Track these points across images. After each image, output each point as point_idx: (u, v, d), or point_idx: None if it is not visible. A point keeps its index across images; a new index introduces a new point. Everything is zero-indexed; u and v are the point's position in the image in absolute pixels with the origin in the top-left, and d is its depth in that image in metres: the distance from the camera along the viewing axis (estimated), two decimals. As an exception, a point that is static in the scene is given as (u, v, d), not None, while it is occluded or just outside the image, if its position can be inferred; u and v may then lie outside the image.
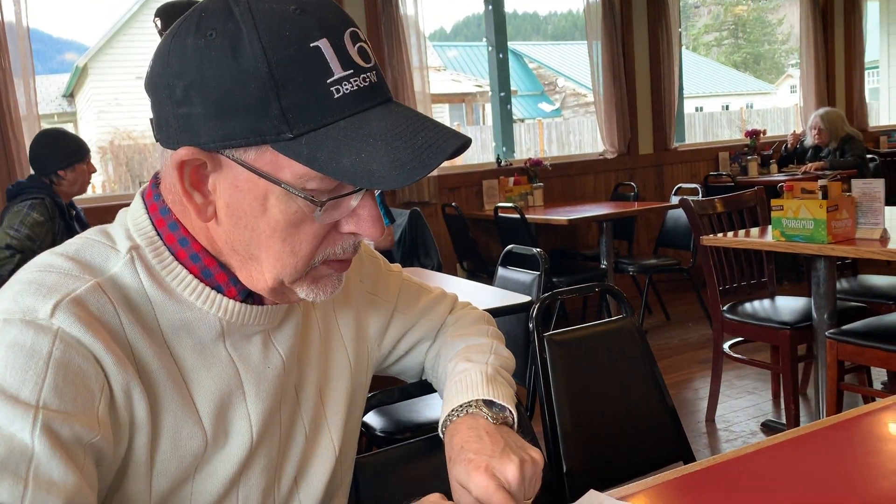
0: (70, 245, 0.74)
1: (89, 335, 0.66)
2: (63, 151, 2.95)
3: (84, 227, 2.96)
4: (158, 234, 0.74)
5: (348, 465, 0.94)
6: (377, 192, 0.76)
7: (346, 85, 0.66)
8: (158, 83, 0.69)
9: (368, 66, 0.69)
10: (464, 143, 0.69)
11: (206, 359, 0.75)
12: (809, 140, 5.64)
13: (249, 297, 0.77)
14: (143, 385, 0.69)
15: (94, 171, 3.08)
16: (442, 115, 16.88)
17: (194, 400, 0.74)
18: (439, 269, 3.51)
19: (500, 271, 2.49)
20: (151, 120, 0.73)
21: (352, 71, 0.67)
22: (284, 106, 0.65)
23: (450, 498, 0.73)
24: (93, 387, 0.65)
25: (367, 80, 0.68)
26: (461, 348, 0.97)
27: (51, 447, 0.60)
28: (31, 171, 3.00)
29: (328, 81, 0.66)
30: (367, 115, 0.68)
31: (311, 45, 0.65)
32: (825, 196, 2.46)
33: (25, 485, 0.58)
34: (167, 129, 0.70)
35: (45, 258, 0.72)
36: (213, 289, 0.75)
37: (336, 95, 0.66)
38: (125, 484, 0.70)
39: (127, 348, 0.69)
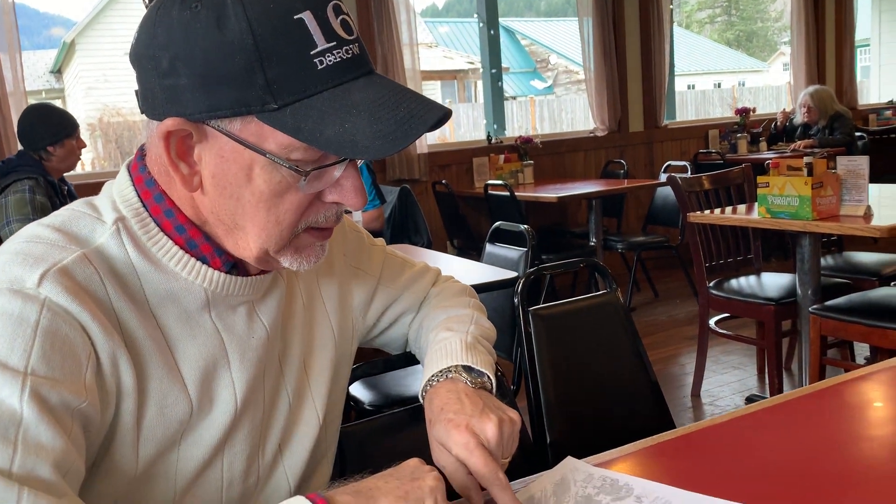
0: (56, 217, 0.75)
1: (76, 304, 0.67)
2: (52, 127, 2.94)
3: None
4: (144, 206, 0.76)
5: (333, 434, 0.96)
6: (361, 164, 0.77)
7: (329, 56, 0.68)
8: (144, 55, 0.70)
9: (351, 38, 0.70)
10: (445, 115, 0.70)
11: (191, 328, 0.77)
12: (799, 118, 5.66)
13: (234, 269, 0.79)
14: (130, 353, 0.71)
15: (84, 146, 3.06)
16: (433, 92, 16.79)
17: (180, 368, 0.75)
18: (429, 247, 3.53)
19: (488, 248, 2.51)
20: (137, 91, 0.74)
21: (335, 43, 0.68)
22: (269, 77, 0.66)
23: (430, 463, 0.76)
24: (80, 354, 0.67)
25: (350, 51, 0.70)
26: (442, 319, 0.99)
27: (39, 412, 0.62)
28: (10, 149, 2.98)
29: (312, 53, 0.67)
30: (351, 86, 0.69)
31: (295, 17, 0.67)
32: (810, 173, 2.48)
33: (14, 448, 0.60)
34: (153, 101, 0.71)
35: (32, 229, 0.73)
36: (198, 259, 0.76)
37: (320, 67, 0.67)
38: (112, 449, 0.72)
39: (113, 318, 0.71)
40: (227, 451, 0.80)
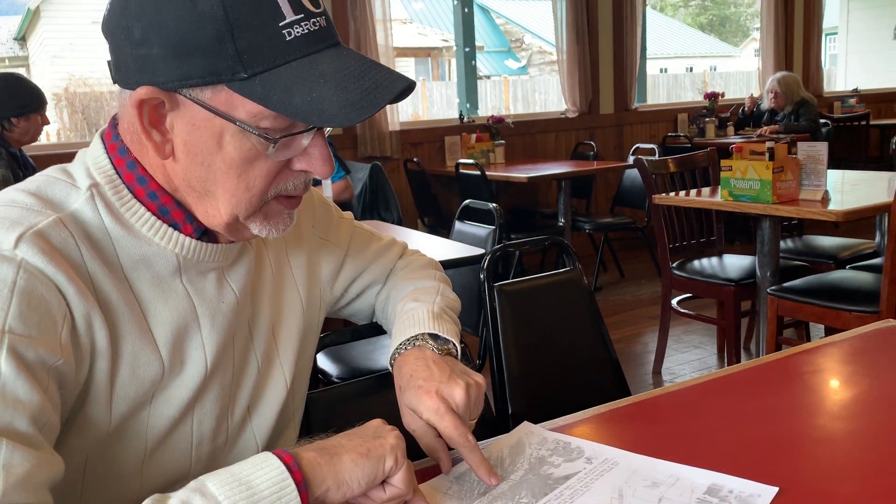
0: (31, 182, 0.77)
1: (52, 266, 0.69)
2: (20, 98, 2.90)
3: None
4: (117, 173, 0.78)
5: (300, 399, 1.00)
6: (327, 134, 0.80)
7: (297, 28, 0.71)
8: (116, 25, 0.73)
9: (318, 11, 0.74)
10: (409, 85, 0.74)
11: (163, 292, 0.79)
12: (766, 103, 5.75)
13: (205, 236, 0.81)
14: (104, 315, 0.73)
15: (48, 123, 3.03)
16: (407, 68, 16.68)
17: (152, 330, 0.78)
18: (399, 223, 3.55)
19: (458, 225, 2.54)
20: (109, 62, 0.76)
21: (302, 15, 0.71)
22: (239, 47, 0.69)
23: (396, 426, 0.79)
24: (55, 314, 0.69)
25: (317, 24, 0.73)
26: (409, 290, 1.03)
27: (16, 368, 0.64)
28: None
29: (280, 24, 0.70)
30: (318, 56, 0.72)
31: None
32: (772, 157, 2.55)
33: None
34: (125, 71, 0.74)
35: (8, 194, 0.75)
36: (170, 226, 0.79)
37: (288, 38, 0.70)
38: (87, 407, 0.74)
39: (88, 280, 0.73)
40: (198, 411, 0.84)
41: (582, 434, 0.94)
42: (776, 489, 0.78)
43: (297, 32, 0.71)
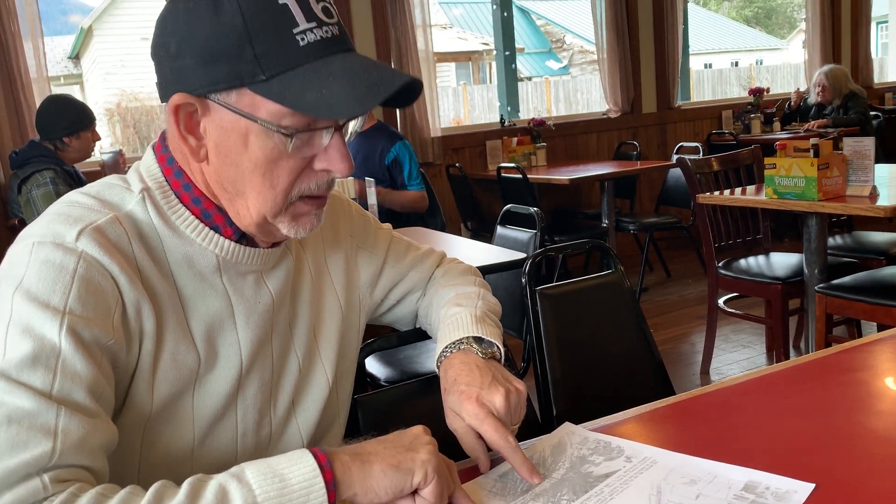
0: (92, 186, 0.87)
1: (107, 258, 0.78)
2: (70, 118, 3.02)
3: None
4: (166, 180, 0.87)
5: (344, 399, 1.05)
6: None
7: (310, 35, 0.79)
8: (158, 43, 0.82)
9: (331, 21, 0.81)
10: (413, 81, 0.81)
11: (203, 289, 0.87)
12: (813, 97, 5.64)
13: (244, 239, 0.89)
14: (151, 303, 0.81)
15: (99, 139, 3.16)
16: (448, 73, 16.77)
17: (189, 324, 0.86)
18: (443, 229, 3.60)
19: (499, 230, 2.57)
20: (157, 83, 0.85)
21: (315, 23, 0.79)
22: (257, 52, 0.77)
23: (434, 432, 0.83)
24: (109, 300, 0.78)
25: (330, 31, 0.80)
26: (452, 296, 1.08)
27: (75, 345, 0.73)
28: (32, 137, 3.04)
29: (294, 31, 0.78)
30: (329, 59, 0.80)
31: (280, 2, 0.78)
32: (816, 154, 2.52)
33: (54, 375, 0.71)
34: (166, 84, 0.83)
35: (72, 196, 0.85)
36: (211, 228, 0.87)
37: (301, 43, 0.78)
38: (133, 385, 0.82)
39: (137, 272, 0.81)
40: (240, 403, 0.91)
41: (622, 433, 0.97)
42: (813, 485, 0.79)
43: (310, 38, 0.78)
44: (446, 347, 0.98)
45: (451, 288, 1.10)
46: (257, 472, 0.70)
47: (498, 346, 0.98)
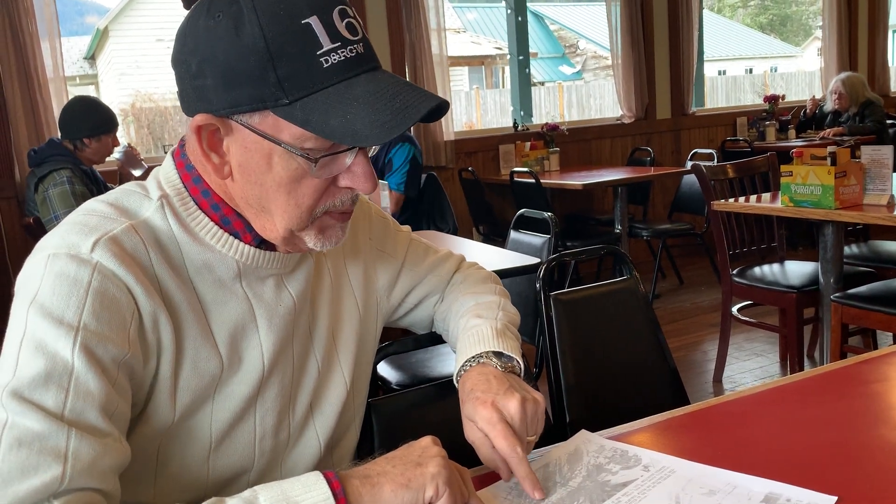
0: (111, 194, 0.86)
1: (123, 269, 0.77)
2: (95, 120, 3.06)
3: (107, 189, 3.07)
4: (185, 187, 0.86)
5: (360, 403, 1.05)
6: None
7: (334, 56, 0.76)
8: (178, 59, 0.81)
9: (356, 38, 0.79)
10: (439, 105, 0.78)
11: (224, 294, 0.86)
12: (829, 105, 5.60)
13: (263, 244, 0.88)
14: (169, 313, 0.80)
15: (118, 144, 3.20)
16: (461, 78, 16.77)
17: (212, 329, 0.85)
18: (455, 233, 3.59)
19: (513, 235, 2.56)
20: (178, 94, 0.84)
21: (339, 43, 0.77)
22: (280, 75, 0.75)
23: (447, 439, 0.83)
24: (125, 312, 0.77)
25: (354, 51, 0.78)
26: (471, 305, 1.07)
27: (88, 363, 0.72)
28: (50, 136, 3.08)
29: (318, 53, 0.76)
30: (354, 81, 0.78)
31: (303, 22, 0.75)
32: (833, 162, 2.50)
33: (66, 394, 0.70)
34: (187, 100, 0.82)
35: (90, 204, 0.84)
36: (230, 234, 0.86)
37: (325, 65, 0.76)
38: (154, 397, 0.81)
39: (155, 282, 0.80)
40: (259, 406, 0.90)
41: (639, 442, 0.96)
42: (835, 498, 0.78)
43: (334, 60, 0.76)
44: (466, 361, 0.96)
45: (471, 296, 1.09)
46: (271, 499, 0.70)
47: (518, 361, 0.97)
